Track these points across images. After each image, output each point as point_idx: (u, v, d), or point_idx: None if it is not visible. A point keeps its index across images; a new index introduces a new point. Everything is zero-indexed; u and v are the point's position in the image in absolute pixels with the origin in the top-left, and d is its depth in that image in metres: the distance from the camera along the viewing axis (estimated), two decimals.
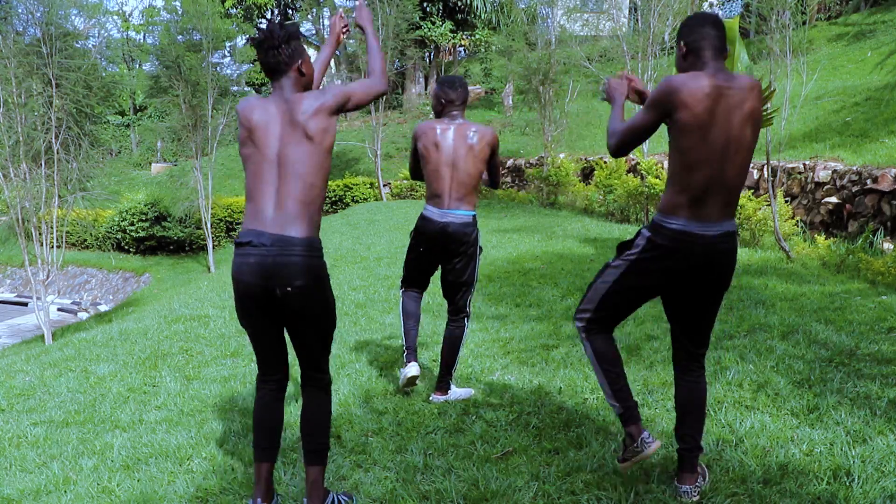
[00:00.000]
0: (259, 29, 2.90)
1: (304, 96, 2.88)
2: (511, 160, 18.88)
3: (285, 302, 2.82)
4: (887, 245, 8.58)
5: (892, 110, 11.83)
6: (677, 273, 2.87)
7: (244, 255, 2.81)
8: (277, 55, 2.87)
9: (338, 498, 3.09)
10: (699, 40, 2.80)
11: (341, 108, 2.92)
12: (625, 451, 3.03)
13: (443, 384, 4.36)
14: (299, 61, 2.92)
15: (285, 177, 2.81)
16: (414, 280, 4.53)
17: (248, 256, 2.79)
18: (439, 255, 4.33)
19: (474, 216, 4.26)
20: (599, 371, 3.07)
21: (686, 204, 2.79)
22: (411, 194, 19.97)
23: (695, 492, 2.96)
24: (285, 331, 3.01)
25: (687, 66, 2.84)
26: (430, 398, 4.35)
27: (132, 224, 20.03)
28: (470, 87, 28.66)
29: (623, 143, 2.91)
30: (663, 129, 2.89)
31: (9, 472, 3.90)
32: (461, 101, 4.25)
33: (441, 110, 4.27)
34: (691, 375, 3.07)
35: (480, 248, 4.39)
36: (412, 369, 4.31)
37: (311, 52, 36.03)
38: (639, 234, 2.92)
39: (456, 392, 4.39)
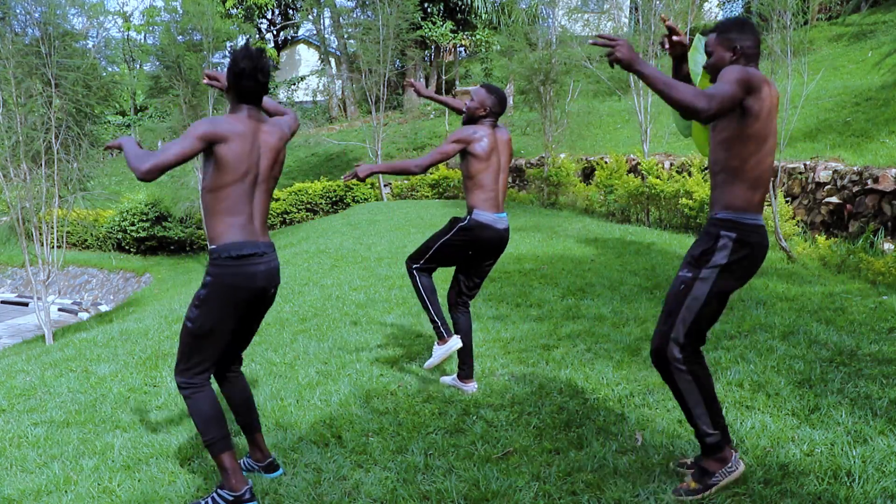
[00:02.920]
0: (252, 51, 3.01)
1: (277, 122, 3.21)
2: (512, 160, 18.88)
3: (270, 299, 3.23)
4: (888, 245, 8.58)
5: (892, 110, 11.82)
6: (756, 267, 2.92)
7: (253, 264, 3.05)
8: (267, 80, 3.08)
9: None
10: (756, 47, 2.90)
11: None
12: (705, 477, 2.96)
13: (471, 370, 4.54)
14: None
15: (261, 195, 3.13)
16: (435, 269, 4.53)
17: (259, 265, 3.06)
18: (483, 258, 4.43)
19: None
20: (701, 402, 2.92)
21: (759, 199, 2.84)
22: (412, 194, 19.98)
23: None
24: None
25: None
26: (469, 389, 4.47)
27: (133, 224, 20.06)
28: (470, 88, 28.81)
29: (722, 108, 2.64)
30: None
31: (9, 472, 3.91)
32: (501, 114, 4.43)
33: (484, 116, 4.35)
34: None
35: None
36: (458, 341, 4.41)
37: (312, 52, 36.08)
38: (715, 238, 2.83)
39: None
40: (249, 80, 3.01)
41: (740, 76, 2.68)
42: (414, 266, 4.47)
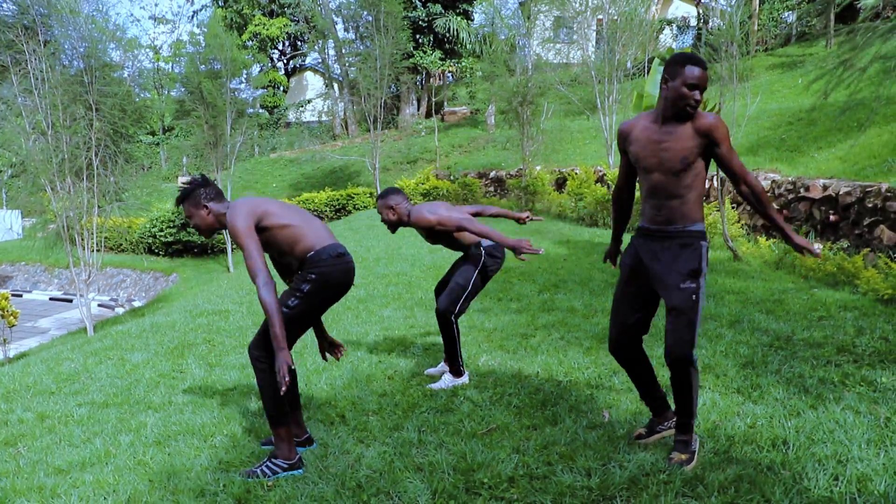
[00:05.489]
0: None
1: None
2: (494, 172, 18.88)
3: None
4: (817, 246, 8.63)
5: (819, 129, 11.91)
6: None
7: (347, 262, 3.25)
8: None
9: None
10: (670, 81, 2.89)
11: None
12: (689, 447, 3.02)
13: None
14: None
15: (312, 217, 3.35)
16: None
17: (349, 262, 3.27)
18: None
19: None
20: (697, 392, 3.01)
21: None
22: None
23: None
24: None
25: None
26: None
27: (161, 230, 19.88)
28: (456, 108, 28.72)
29: None
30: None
31: (59, 446, 3.89)
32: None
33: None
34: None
35: None
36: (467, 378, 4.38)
37: (318, 78, 35.94)
38: (697, 249, 2.89)
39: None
40: None
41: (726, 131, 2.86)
42: (454, 315, 4.27)
